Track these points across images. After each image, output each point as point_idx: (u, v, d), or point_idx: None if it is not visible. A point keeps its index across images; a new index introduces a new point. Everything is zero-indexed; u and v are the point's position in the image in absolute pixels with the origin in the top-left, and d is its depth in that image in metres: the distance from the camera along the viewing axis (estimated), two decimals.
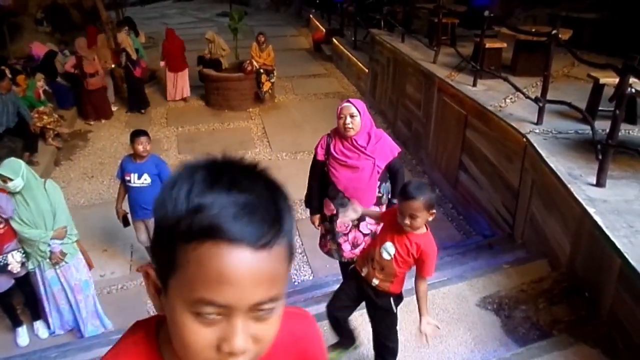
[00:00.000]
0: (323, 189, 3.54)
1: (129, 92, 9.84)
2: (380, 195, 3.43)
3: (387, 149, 3.37)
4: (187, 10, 21.10)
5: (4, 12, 11.30)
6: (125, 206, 4.85)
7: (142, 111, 9.75)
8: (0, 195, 3.76)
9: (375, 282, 2.70)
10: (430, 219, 2.52)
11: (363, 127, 3.28)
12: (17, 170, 3.78)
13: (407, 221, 2.44)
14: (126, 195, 4.78)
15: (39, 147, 7.55)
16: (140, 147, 4.47)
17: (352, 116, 3.22)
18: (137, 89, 9.79)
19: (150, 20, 18.29)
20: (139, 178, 4.58)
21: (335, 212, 3.47)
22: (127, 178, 4.63)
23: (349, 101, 3.31)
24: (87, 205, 6.57)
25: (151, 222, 4.70)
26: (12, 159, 4.09)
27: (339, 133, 3.31)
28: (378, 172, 3.33)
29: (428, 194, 2.43)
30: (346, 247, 3.52)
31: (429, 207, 2.44)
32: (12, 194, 3.84)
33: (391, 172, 3.45)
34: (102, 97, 9.37)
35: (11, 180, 3.73)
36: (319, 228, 3.73)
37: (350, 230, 3.47)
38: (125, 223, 4.93)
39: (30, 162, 6.99)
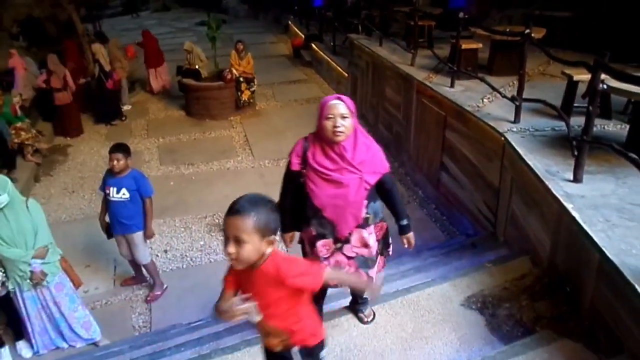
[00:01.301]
0: (300, 204, 2.88)
1: (100, 103, 9.74)
2: (367, 216, 2.83)
3: (378, 161, 2.80)
4: (165, 21, 21.02)
5: None
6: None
7: (114, 123, 9.71)
8: None
9: (279, 348, 2.18)
10: (268, 251, 1.87)
11: (352, 132, 2.67)
12: (4, 186, 3.71)
13: (232, 249, 1.77)
14: None
15: (18, 163, 7.45)
16: (113, 163, 4.45)
17: (343, 117, 2.58)
18: (109, 100, 9.72)
19: (129, 31, 18.14)
20: (117, 192, 4.54)
21: (314, 233, 2.87)
22: (107, 191, 4.61)
23: (339, 97, 2.65)
24: (69, 221, 6.49)
25: (131, 237, 4.70)
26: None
27: (322, 138, 2.66)
28: (366, 190, 2.73)
29: (264, 213, 1.81)
30: None
31: (264, 232, 1.81)
32: None
33: (383, 190, 2.91)
34: (70, 113, 9.23)
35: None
36: (290, 246, 3.09)
37: (332, 254, 2.88)
38: (109, 235, 4.90)
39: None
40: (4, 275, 3.95)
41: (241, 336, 3.41)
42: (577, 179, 3.69)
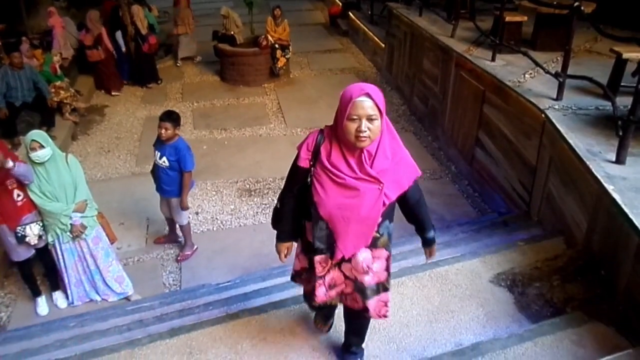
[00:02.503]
0: (303, 209, 2.41)
1: (137, 66, 9.84)
2: (378, 235, 2.33)
3: (403, 172, 2.25)
4: None
5: None
6: None
7: (149, 85, 9.80)
8: (20, 164, 3.81)
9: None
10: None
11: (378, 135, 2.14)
12: (47, 140, 3.86)
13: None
14: None
15: (56, 121, 7.61)
16: (161, 131, 4.51)
17: (370, 119, 2.04)
18: (146, 63, 9.82)
19: None
20: (160, 158, 4.65)
21: (311, 246, 2.40)
22: (153, 153, 4.73)
23: (365, 92, 2.05)
24: (104, 180, 6.64)
25: (169, 200, 4.80)
26: (38, 130, 4.15)
27: (340, 138, 2.16)
28: (384, 205, 2.22)
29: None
30: (320, 291, 2.46)
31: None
32: (35, 165, 3.89)
33: (407, 205, 2.42)
34: (106, 69, 9.39)
35: (42, 147, 3.79)
36: (285, 260, 2.64)
37: (329, 271, 2.44)
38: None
39: None
40: (42, 228, 4.09)
41: (268, 298, 3.47)
42: (619, 160, 3.57)
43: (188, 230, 5.12)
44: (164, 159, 4.61)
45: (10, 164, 3.68)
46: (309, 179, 2.30)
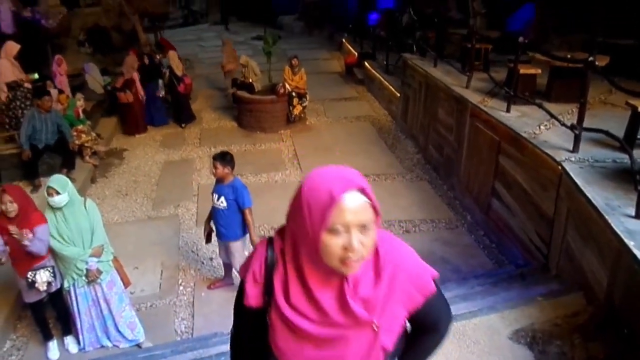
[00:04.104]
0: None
1: (173, 107, 10.31)
2: None
3: (408, 288, 1.43)
4: (223, 34, 21.61)
5: (49, 34, 11.83)
6: None
7: (183, 125, 10.18)
8: (44, 229, 3.87)
9: None
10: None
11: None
12: (64, 186, 3.93)
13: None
14: None
15: (77, 164, 7.77)
16: (213, 170, 4.67)
17: (364, 229, 1.29)
18: (182, 103, 10.28)
19: (187, 42, 18.79)
20: (218, 199, 4.73)
21: None
22: (212, 197, 4.82)
23: (356, 186, 1.28)
24: (121, 223, 6.70)
25: (228, 245, 4.83)
26: (59, 175, 4.25)
27: (308, 260, 1.38)
28: (383, 355, 1.46)
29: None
30: None
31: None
32: (54, 210, 3.96)
33: (414, 333, 1.60)
34: (133, 112, 9.77)
35: (58, 194, 3.86)
36: None
37: None
38: (207, 240, 5.11)
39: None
40: (52, 274, 4.09)
41: None
42: (639, 215, 3.52)
43: None
44: (222, 199, 4.69)
45: (26, 241, 3.77)
46: (264, 321, 1.49)
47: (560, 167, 4.41)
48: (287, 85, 9.60)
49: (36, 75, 8.59)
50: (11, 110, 7.67)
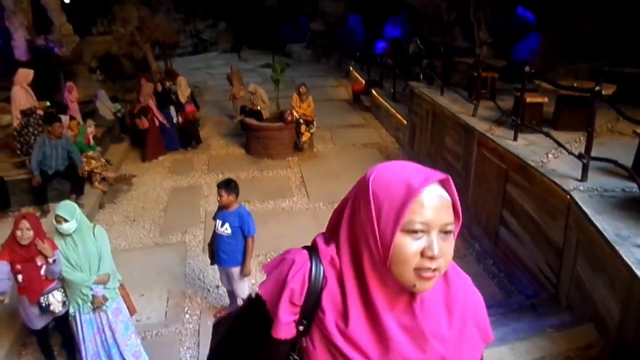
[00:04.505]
0: None
1: (179, 131, 10.52)
2: None
3: (472, 336, 1.19)
4: (232, 61, 21.96)
5: (61, 62, 12.07)
6: None
7: (191, 147, 10.49)
8: (57, 254, 3.91)
9: None
10: None
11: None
12: (72, 213, 3.95)
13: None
14: None
15: (85, 190, 7.83)
16: (218, 198, 4.69)
17: (445, 232, 1.06)
18: (188, 127, 10.60)
19: (197, 70, 19.10)
20: (222, 225, 4.74)
21: None
22: (215, 223, 4.82)
23: (439, 178, 1.07)
24: (128, 249, 6.71)
25: (230, 271, 4.81)
26: (68, 201, 4.28)
27: (374, 274, 1.08)
28: None
29: None
30: None
31: None
32: (63, 236, 3.98)
33: None
34: (149, 138, 9.95)
35: (67, 221, 3.89)
36: None
37: None
38: (212, 262, 5.11)
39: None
40: (64, 294, 4.11)
41: None
42: None
43: None
44: (226, 225, 4.69)
45: (51, 260, 3.84)
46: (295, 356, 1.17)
47: (568, 196, 4.39)
48: (295, 113, 9.69)
49: (48, 103, 8.75)
50: (23, 136, 7.78)
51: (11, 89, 7.95)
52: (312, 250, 1.18)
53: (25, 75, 8.07)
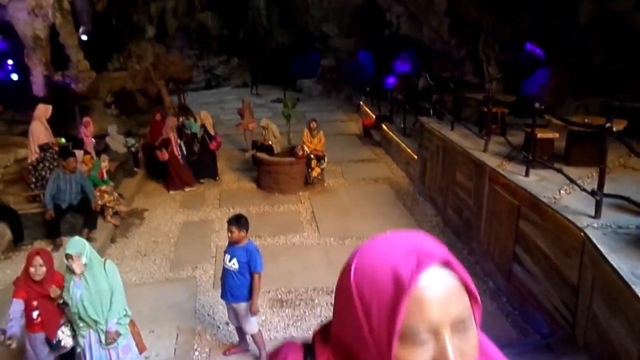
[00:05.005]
0: None
1: (202, 162, 10.74)
2: None
3: None
4: (245, 96, 22.32)
5: (77, 97, 12.36)
6: None
7: (217, 178, 10.72)
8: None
9: None
10: None
11: None
12: (81, 252, 3.96)
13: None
14: None
15: (98, 224, 7.88)
16: (228, 234, 4.69)
17: (459, 327, 0.81)
18: (209, 159, 10.79)
19: (209, 104, 19.39)
20: (229, 260, 4.73)
21: None
22: (223, 257, 4.82)
23: (438, 259, 0.82)
24: (138, 284, 6.69)
25: (238, 307, 4.77)
26: (77, 238, 4.30)
27: None
28: None
29: None
30: None
31: None
32: (74, 272, 3.99)
33: None
34: (171, 169, 10.18)
35: (76, 258, 3.90)
36: None
37: None
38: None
39: (88, 239, 7.27)
40: (71, 328, 4.10)
41: None
42: None
43: (260, 340, 4.99)
44: (234, 260, 4.68)
45: (61, 300, 3.92)
46: None
47: (582, 234, 4.34)
48: (306, 148, 9.77)
49: (63, 140, 8.93)
50: (38, 170, 7.92)
51: (30, 124, 8.14)
52: (309, 348, 0.98)
53: (44, 110, 8.27)
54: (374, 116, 14.31)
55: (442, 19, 13.80)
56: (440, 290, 0.80)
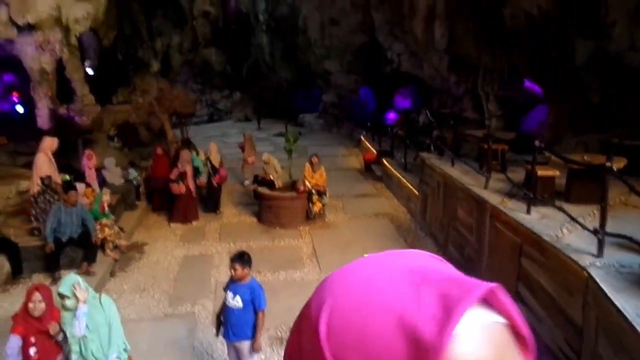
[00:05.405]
0: None
1: (206, 195, 10.89)
2: None
3: None
4: (246, 130, 22.52)
5: (81, 130, 12.50)
6: None
7: (217, 212, 10.72)
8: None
9: None
10: None
11: None
12: (72, 290, 3.97)
13: None
14: None
15: (97, 257, 7.84)
16: (231, 271, 4.64)
17: None
18: (214, 192, 10.89)
19: (212, 138, 19.49)
20: (232, 298, 4.66)
21: None
22: (225, 295, 4.75)
23: (461, 288, 0.51)
24: (136, 320, 6.61)
25: (239, 345, 4.70)
26: (71, 275, 4.29)
27: None
28: None
29: None
30: None
31: None
32: (69, 309, 3.96)
33: None
34: (184, 202, 10.26)
35: (69, 298, 3.89)
36: None
37: None
38: (217, 332, 5.00)
39: (87, 273, 7.26)
40: None
41: None
42: None
43: None
44: (238, 298, 4.62)
45: (59, 338, 3.88)
46: None
47: (585, 273, 4.31)
48: (307, 183, 9.80)
49: (67, 177, 8.99)
50: (39, 203, 7.93)
51: (34, 155, 8.21)
52: None
53: (50, 143, 8.36)
54: (375, 151, 14.40)
55: (442, 57, 14.08)
56: (490, 351, 0.50)
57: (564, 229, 5.30)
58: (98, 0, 12.84)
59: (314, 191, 9.75)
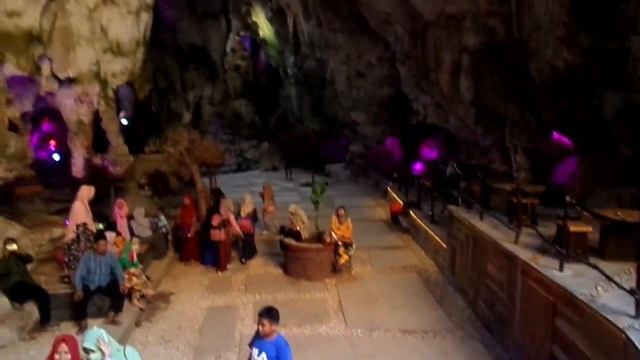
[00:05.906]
0: None
1: (242, 243, 11.14)
2: None
3: None
4: (273, 180, 22.76)
5: (114, 178, 12.87)
6: None
7: (243, 261, 10.84)
8: None
9: None
10: None
11: None
12: (96, 344, 4.01)
13: None
14: None
15: (124, 307, 7.87)
16: (259, 327, 4.60)
17: None
18: (250, 240, 11.18)
19: (239, 187, 19.81)
20: (258, 354, 4.60)
21: None
22: (251, 351, 4.69)
23: None
24: None
25: None
26: (94, 329, 4.31)
27: None
28: None
29: None
30: None
31: None
32: None
33: None
34: (223, 249, 10.44)
35: (94, 352, 3.91)
36: None
37: None
38: None
39: (114, 322, 7.28)
40: None
41: None
42: None
43: None
44: (263, 355, 4.56)
45: None
46: None
47: (624, 335, 4.13)
48: (334, 235, 9.77)
49: (101, 226, 9.20)
50: (72, 250, 8.09)
51: (71, 203, 8.45)
52: None
53: (88, 191, 8.61)
54: (401, 202, 14.33)
55: (468, 109, 14.18)
56: None
57: (599, 287, 5.13)
58: (135, 55, 13.49)
59: (340, 243, 9.69)
